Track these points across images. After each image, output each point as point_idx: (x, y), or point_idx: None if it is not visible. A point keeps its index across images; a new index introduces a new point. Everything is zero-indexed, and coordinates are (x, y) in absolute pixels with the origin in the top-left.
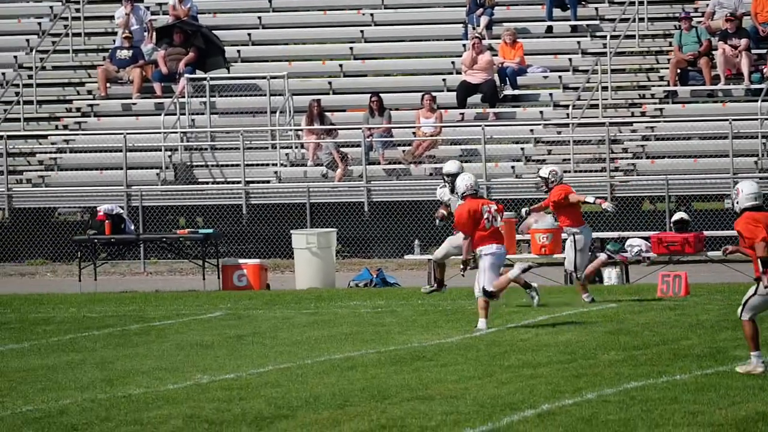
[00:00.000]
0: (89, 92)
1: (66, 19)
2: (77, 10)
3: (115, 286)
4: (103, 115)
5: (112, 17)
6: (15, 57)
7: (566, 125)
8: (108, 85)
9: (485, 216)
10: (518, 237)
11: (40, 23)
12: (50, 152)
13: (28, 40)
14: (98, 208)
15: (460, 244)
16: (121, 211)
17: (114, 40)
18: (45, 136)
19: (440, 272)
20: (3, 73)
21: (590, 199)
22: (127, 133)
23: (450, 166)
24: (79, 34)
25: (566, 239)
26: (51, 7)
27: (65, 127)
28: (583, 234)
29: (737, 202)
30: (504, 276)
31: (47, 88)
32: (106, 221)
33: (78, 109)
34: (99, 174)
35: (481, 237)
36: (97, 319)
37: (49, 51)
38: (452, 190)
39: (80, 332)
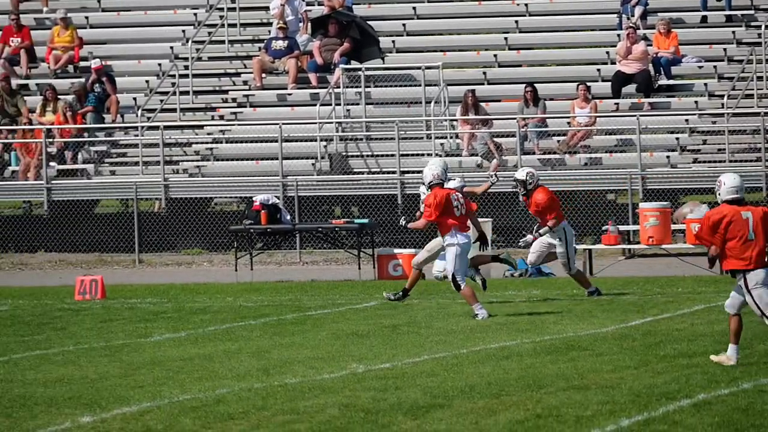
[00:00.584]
0: (245, 83)
1: (222, 9)
2: (233, 1)
3: (271, 275)
4: (258, 105)
5: (267, 8)
6: (171, 48)
7: (721, 115)
8: (263, 75)
9: (455, 204)
10: (673, 227)
11: (195, 14)
12: (206, 142)
13: (184, 31)
14: (254, 198)
15: (434, 247)
16: (277, 201)
17: (269, 31)
18: (201, 127)
19: (413, 281)
20: (159, 64)
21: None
22: (283, 124)
23: (453, 184)
24: (234, 25)
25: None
26: None
27: (221, 117)
28: (567, 230)
29: (719, 194)
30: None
31: (203, 79)
32: (262, 211)
33: (234, 100)
34: (255, 164)
35: (451, 224)
36: (254, 308)
37: (205, 42)
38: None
39: (237, 322)
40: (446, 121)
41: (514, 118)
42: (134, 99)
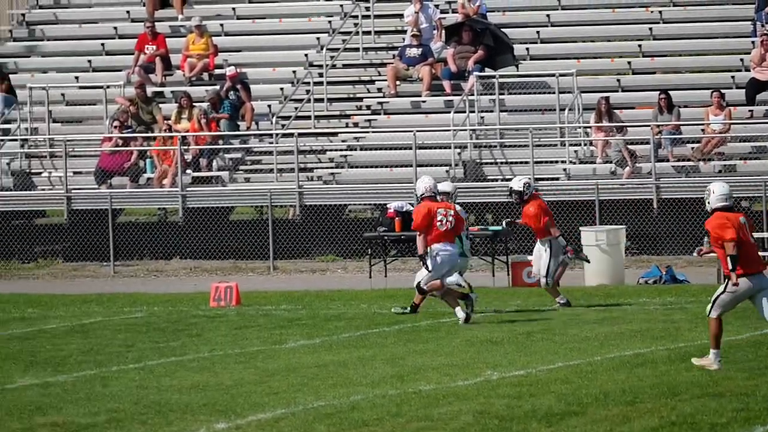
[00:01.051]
0: (379, 90)
1: (356, 17)
2: (367, 9)
3: (405, 282)
4: (392, 112)
5: (401, 15)
6: (306, 55)
7: None
8: (397, 82)
9: (439, 218)
10: None
11: (330, 21)
12: (340, 150)
13: (318, 38)
14: (388, 205)
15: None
16: (411, 208)
17: (403, 39)
18: (335, 134)
19: (421, 299)
20: (294, 71)
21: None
22: (417, 131)
23: (444, 186)
24: (369, 33)
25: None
26: (341, 6)
27: (355, 124)
28: (557, 241)
29: (709, 203)
30: (439, 281)
31: (337, 86)
32: (396, 218)
33: (368, 107)
34: (389, 171)
35: (435, 236)
36: (388, 315)
37: (339, 49)
38: None
39: (371, 328)
40: (580, 129)
41: (648, 125)
42: (269, 106)
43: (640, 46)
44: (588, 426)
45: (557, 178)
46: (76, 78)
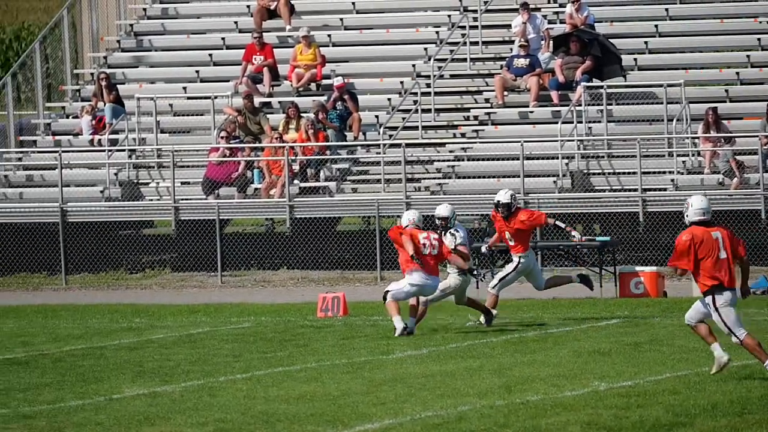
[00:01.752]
0: (486, 100)
1: (463, 27)
2: (475, 19)
3: (514, 293)
4: (500, 123)
5: (509, 26)
6: (413, 65)
7: None
8: (505, 93)
9: (422, 242)
10: None
11: (438, 32)
12: (448, 160)
13: (426, 49)
14: None
15: (454, 282)
16: None
17: (511, 49)
18: (443, 144)
19: (476, 304)
20: (401, 82)
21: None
22: (524, 141)
23: (441, 210)
24: (476, 43)
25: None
26: (449, 16)
27: (462, 135)
28: (528, 258)
29: (687, 215)
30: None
31: (445, 97)
32: None
33: (475, 117)
34: (496, 182)
35: (413, 265)
36: (495, 325)
37: (446, 60)
38: (444, 232)
39: (478, 339)
40: (688, 139)
41: (756, 136)
42: (376, 117)
43: (748, 56)
44: None
45: (665, 189)
46: (184, 88)
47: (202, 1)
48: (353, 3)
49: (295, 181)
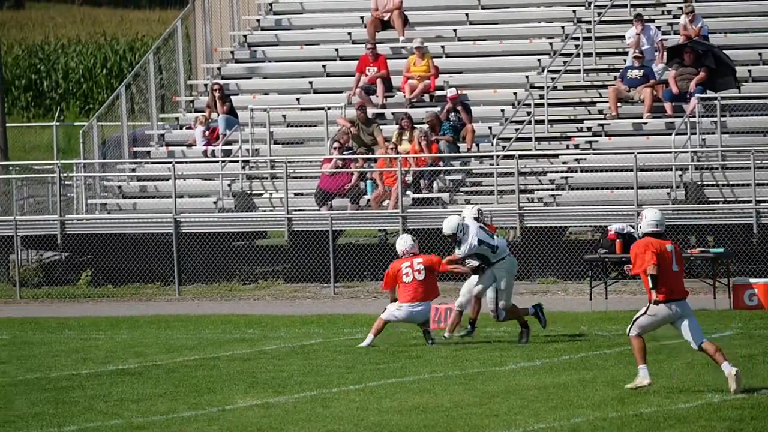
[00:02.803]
0: (600, 111)
1: (577, 39)
2: (588, 30)
3: (626, 305)
4: (613, 134)
5: (622, 37)
6: (527, 77)
7: None
8: (618, 104)
9: (404, 271)
10: None
11: (551, 43)
12: (561, 171)
13: (539, 60)
14: (609, 227)
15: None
16: (632, 230)
17: (625, 60)
18: (556, 156)
19: (474, 312)
20: (515, 93)
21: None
22: (638, 153)
23: (444, 228)
24: (590, 54)
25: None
26: (563, 28)
27: (576, 146)
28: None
29: (640, 227)
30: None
31: (558, 108)
32: (617, 240)
33: (589, 129)
34: (609, 193)
35: (402, 291)
36: (608, 337)
37: (560, 71)
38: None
39: (591, 351)
40: None
41: None
42: (489, 128)
43: None
44: None
45: None
46: (298, 99)
47: (316, 12)
48: (467, 14)
49: (408, 192)
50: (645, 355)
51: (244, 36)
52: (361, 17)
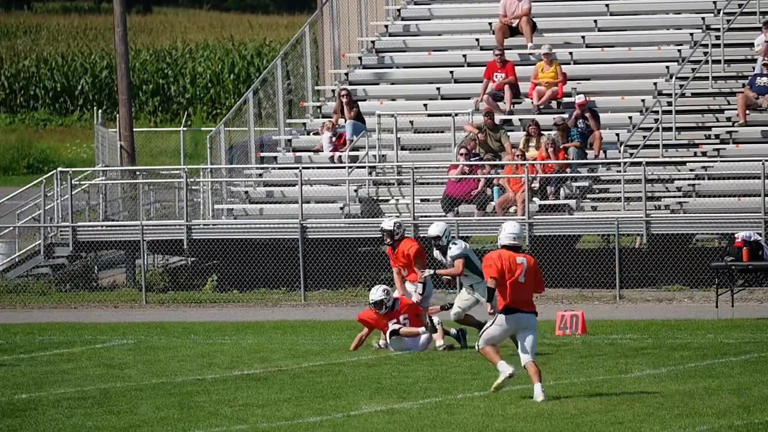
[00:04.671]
0: (728, 119)
1: (706, 46)
2: (717, 38)
3: (753, 312)
4: (741, 141)
5: (751, 44)
6: (654, 84)
7: None
8: (747, 111)
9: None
10: None
11: (680, 50)
12: (688, 179)
13: (668, 67)
14: (736, 235)
15: (467, 298)
16: (759, 237)
17: (753, 68)
18: (683, 163)
19: (472, 320)
20: (643, 100)
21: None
22: (766, 160)
23: (431, 229)
24: (718, 61)
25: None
26: (691, 35)
27: (704, 153)
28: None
29: (499, 239)
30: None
31: (686, 115)
32: (744, 248)
33: (716, 136)
34: (737, 201)
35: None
36: (734, 345)
37: (688, 78)
38: (442, 252)
39: (717, 358)
40: None
41: None
42: (617, 135)
43: None
44: None
45: None
46: (425, 105)
47: (444, 18)
48: (595, 21)
49: (535, 199)
50: (498, 353)
51: (372, 42)
52: (490, 23)
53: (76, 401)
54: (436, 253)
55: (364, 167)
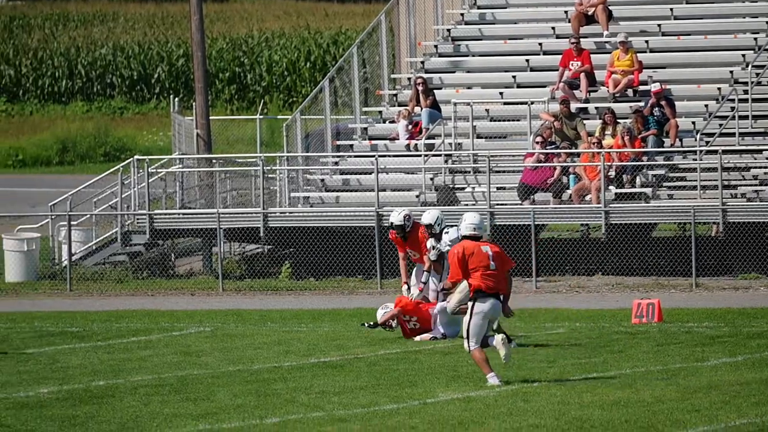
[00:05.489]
0: None
1: None
2: None
3: None
4: None
5: None
6: (731, 72)
7: None
8: None
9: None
10: None
11: (756, 38)
12: (764, 167)
13: (744, 56)
14: None
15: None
16: None
17: None
18: (759, 151)
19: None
20: (719, 88)
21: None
22: None
23: (424, 217)
24: None
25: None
26: (767, 23)
27: None
28: None
29: (460, 230)
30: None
31: (762, 103)
32: None
33: None
34: None
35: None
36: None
37: (765, 66)
38: (437, 240)
39: None
40: None
41: None
42: (693, 123)
43: None
44: None
45: None
46: (501, 94)
47: (520, 6)
48: (671, 9)
49: (611, 187)
50: (488, 363)
51: (448, 30)
52: (565, 12)
53: (153, 388)
54: (431, 241)
55: (440, 155)
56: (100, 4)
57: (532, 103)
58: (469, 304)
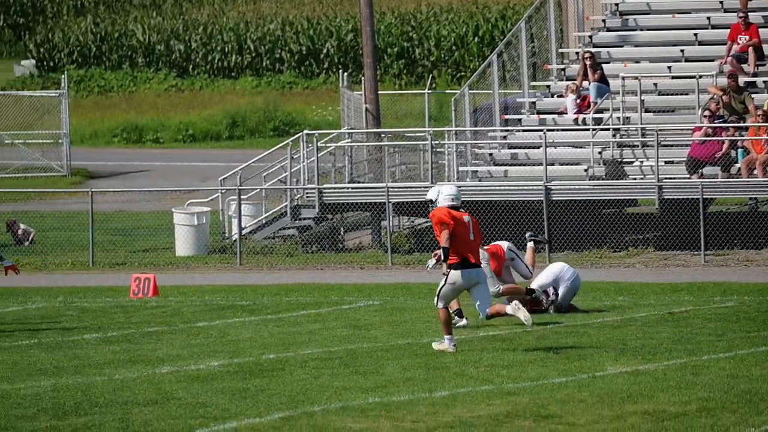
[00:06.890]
0: None
1: None
2: None
3: None
4: None
5: None
6: None
7: None
8: None
9: None
10: None
11: None
12: None
13: None
14: None
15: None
16: None
17: None
18: None
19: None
20: None
21: None
22: None
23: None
24: None
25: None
26: None
27: None
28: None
29: (438, 201)
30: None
31: None
32: None
33: None
34: None
35: None
36: None
37: None
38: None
39: None
40: None
41: None
42: None
43: None
44: None
45: None
46: (669, 68)
47: None
48: None
49: None
50: (450, 326)
51: (616, 4)
52: None
53: (323, 361)
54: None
55: (608, 129)
56: None
57: (701, 77)
58: (448, 271)
